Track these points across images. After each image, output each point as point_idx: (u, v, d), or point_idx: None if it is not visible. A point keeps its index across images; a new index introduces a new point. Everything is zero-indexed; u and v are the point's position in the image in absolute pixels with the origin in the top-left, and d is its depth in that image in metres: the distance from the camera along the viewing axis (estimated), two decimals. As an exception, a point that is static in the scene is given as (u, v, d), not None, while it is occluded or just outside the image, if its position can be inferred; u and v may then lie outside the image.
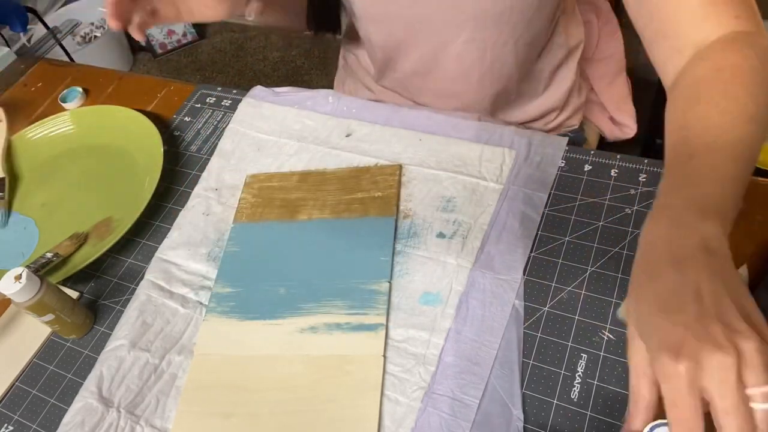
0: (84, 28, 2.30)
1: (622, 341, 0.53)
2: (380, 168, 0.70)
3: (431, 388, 0.53)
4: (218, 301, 0.63)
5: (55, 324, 0.61)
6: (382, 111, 0.75)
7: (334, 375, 0.55)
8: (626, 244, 0.59)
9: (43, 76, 1.00)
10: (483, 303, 0.57)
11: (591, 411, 0.50)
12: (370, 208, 0.66)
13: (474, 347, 0.55)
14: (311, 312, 0.60)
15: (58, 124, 0.87)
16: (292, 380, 0.56)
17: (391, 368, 0.55)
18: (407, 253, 0.62)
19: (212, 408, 0.56)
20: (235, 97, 0.85)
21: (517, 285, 0.58)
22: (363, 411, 0.53)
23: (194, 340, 0.61)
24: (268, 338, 0.59)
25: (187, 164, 0.79)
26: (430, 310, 0.58)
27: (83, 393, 0.58)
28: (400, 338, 0.57)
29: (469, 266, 0.59)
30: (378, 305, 0.59)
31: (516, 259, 0.59)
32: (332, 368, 0.56)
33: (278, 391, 0.56)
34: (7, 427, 0.59)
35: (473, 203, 0.64)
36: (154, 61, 2.40)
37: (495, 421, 0.50)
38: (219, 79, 2.26)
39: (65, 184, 0.81)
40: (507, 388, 0.52)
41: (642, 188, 0.63)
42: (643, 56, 0.60)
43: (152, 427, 0.55)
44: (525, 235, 0.61)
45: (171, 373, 0.59)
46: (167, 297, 0.64)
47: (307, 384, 0.56)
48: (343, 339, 0.57)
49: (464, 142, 0.69)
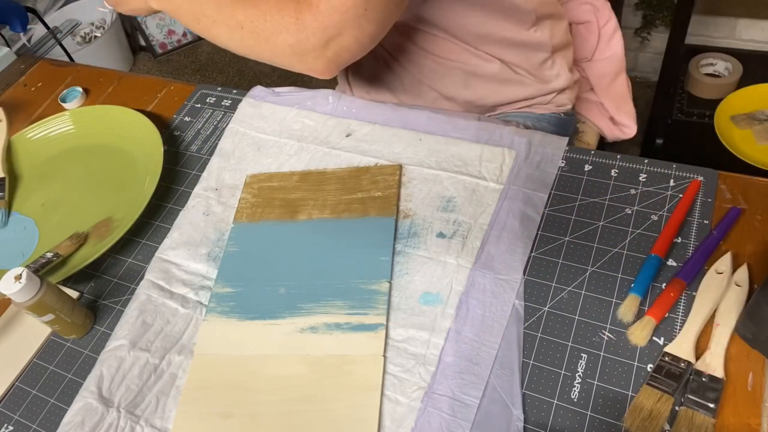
0: (84, 28, 2.30)
1: (622, 341, 0.53)
2: (380, 168, 0.70)
3: (431, 388, 0.53)
4: (218, 301, 0.63)
5: (55, 324, 0.61)
6: (382, 111, 0.75)
7: (334, 375, 0.55)
8: (626, 244, 0.59)
9: (43, 76, 1.00)
10: (483, 303, 0.57)
11: (591, 411, 0.50)
12: (370, 208, 0.66)
13: (474, 347, 0.55)
14: (311, 312, 0.60)
15: (58, 124, 0.87)
16: (292, 380, 0.56)
17: (391, 368, 0.55)
18: (407, 253, 0.62)
19: (212, 408, 0.56)
20: (235, 97, 0.85)
21: (517, 285, 0.58)
22: (363, 411, 0.53)
23: (194, 340, 0.61)
24: (268, 338, 0.59)
25: (187, 164, 0.79)
26: (430, 310, 0.58)
27: (83, 393, 0.58)
28: (400, 338, 0.57)
29: (469, 266, 0.59)
30: (378, 305, 0.59)
31: (516, 258, 0.59)
32: (332, 368, 0.56)
33: (278, 391, 0.56)
34: (7, 427, 0.59)
35: (473, 203, 0.64)
36: (154, 61, 2.40)
37: (495, 421, 0.50)
38: (219, 79, 2.26)
39: (65, 184, 0.81)
40: (507, 389, 0.52)
41: (642, 188, 0.63)
42: (643, 56, 0.60)
43: (152, 427, 0.55)
44: (525, 235, 0.61)
45: (171, 373, 0.59)
46: (167, 297, 0.64)
47: (307, 384, 0.56)
48: (343, 339, 0.57)
49: (464, 142, 0.69)
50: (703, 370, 0.50)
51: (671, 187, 0.62)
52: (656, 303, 0.54)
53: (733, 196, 0.60)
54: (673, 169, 0.63)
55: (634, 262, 0.57)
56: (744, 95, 1.12)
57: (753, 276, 0.54)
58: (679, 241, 0.58)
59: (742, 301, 0.53)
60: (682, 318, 0.53)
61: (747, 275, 0.54)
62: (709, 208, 0.60)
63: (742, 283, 0.53)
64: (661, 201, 0.61)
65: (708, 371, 0.49)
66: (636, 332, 0.53)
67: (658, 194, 0.62)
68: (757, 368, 0.50)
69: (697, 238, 0.58)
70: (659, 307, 0.53)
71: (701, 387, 0.49)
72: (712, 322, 0.52)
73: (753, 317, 0.49)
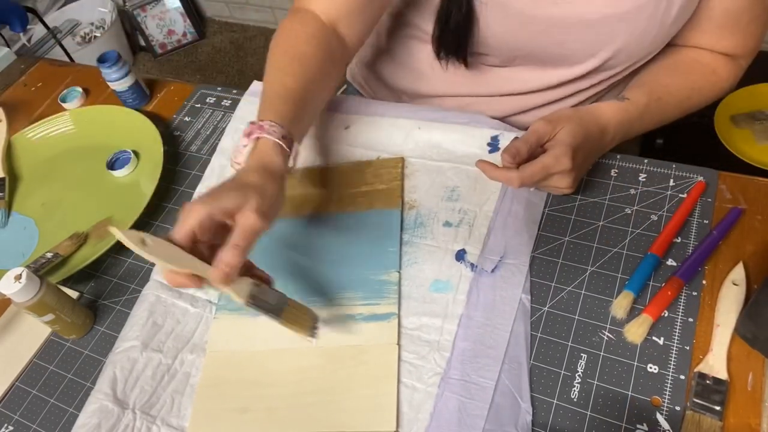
0: (84, 28, 2.30)
1: (622, 341, 0.53)
2: (383, 161, 0.70)
3: (447, 373, 0.54)
4: (228, 299, 0.63)
5: (55, 324, 0.61)
6: (381, 105, 0.75)
7: (350, 365, 0.56)
8: (626, 244, 0.59)
9: (43, 76, 1.00)
10: (493, 288, 0.58)
11: (591, 411, 0.50)
12: (375, 201, 0.67)
13: (487, 331, 0.55)
14: (323, 305, 0.60)
15: (58, 124, 0.87)
16: (308, 373, 0.56)
17: (406, 356, 0.56)
18: (415, 243, 0.63)
19: (228, 404, 0.56)
20: (235, 97, 0.85)
21: (525, 268, 0.58)
22: (381, 399, 0.53)
23: (206, 338, 0.61)
24: (281, 332, 0.59)
25: (187, 164, 0.79)
26: (442, 297, 0.58)
27: (97, 395, 0.58)
28: (413, 326, 0.57)
29: (477, 253, 0.60)
30: (389, 295, 0.59)
31: (523, 243, 0.60)
32: (347, 359, 0.56)
33: (294, 384, 0.56)
34: (7, 427, 0.59)
35: (477, 191, 0.65)
36: (154, 61, 2.40)
37: (504, 414, 0.51)
38: (219, 79, 2.26)
39: (65, 184, 0.81)
40: (516, 382, 0.52)
41: (642, 188, 0.63)
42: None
43: (169, 426, 0.56)
44: (530, 219, 0.62)
45: (184, 372, 0.59)
46: (176, 297, 0.64)
47: (323, 376, 0.56)
48: (356, 330, 0.58)
49: (463, 128, 0.69)
50: (707, 373, 0.49)
51: (671, 187, 0.62)
52: (653, 301, 0.54)
53: (733, 196, 0.60)
54: (673, 169, 0.63)
55: (633, 262, 0.57)
56: (744, 95, 1.12)
57: (753, 276, 0.54)
58: (679, 241, 0.58)
59: (741, 300, 0.53)
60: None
61: (743, 274, 0.54)
62: (709, 208, 0.59)
63: (740, 282, 0.53)
64: (661, 201, 0.61)
65: (712, 374, 0.49)
66: (632, 330, 0.53)
67: (658, 194, 0.62)
68: (757, 368, 0.50)
69: (696, 238, 0.58)
70: (656, 306, 0.53)
71: (706, 390, 0.49)
72: (713, 323, 0.52)
73: (753, 317, 0.49)
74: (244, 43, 2.38)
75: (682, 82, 0.64)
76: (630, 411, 0.49)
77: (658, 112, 0.63)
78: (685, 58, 0.66)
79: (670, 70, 0.65)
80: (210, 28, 2.48)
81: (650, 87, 0.63)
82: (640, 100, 0.61)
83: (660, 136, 1.07)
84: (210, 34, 2.46)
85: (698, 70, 0.65)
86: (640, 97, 0.61)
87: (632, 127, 0.61)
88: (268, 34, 2.38)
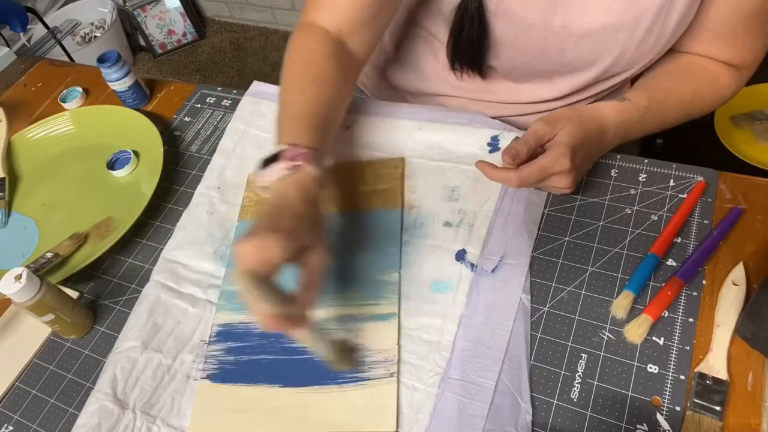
0: (84, 28, 2.30)
1: (622, 341, 0.53)
2: (383, 161, 0.70)
3: (447, 373, 0.54)
4: (228, 299, 0.63)
5: (55, 324, 0.61)
6: (381, 105, 0.75)
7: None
8: (626, 244, 0.59)
9: (43, 76, 1.00)
10: (493, 288, 0.58)
11: (591, 411, 0.50)
12: (376, 201, 0.67)
13: (487, 331, 0.55)
14: (323, 304, 0.60)
15: (58, 124, 0.87)
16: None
17: (407, 356, 0.56)
18: (415, 243, 0.63)
19: (229, 404, 0.56)
20: (235, 97, 0.85)
21: (525, 268, 0.58)
22: (381, 399, 0.53)
23: (206, 338, 0.61)
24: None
25: (187, 164, 0.79)
26: (442, 298, 0.58)
27: (97, 395, 0.58)
28: (414, 326, 0.57)
29: (477, 252, 0.60)
30: (389, 295, 0.59)
31: (523, 243, 0.60)
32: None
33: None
34: (7, 427, 0.59)
35: (477, 191, 0.65)
36: (154, 61, 2.40)
37: (504, 414, 0.51)
38: (219, 79, 2.26)
39: (65, 184, 0.81)
40: (516, 382, 0.52)
41: (642, 188, 0.63)
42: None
43: (169, 426, 0.56)
44: (531, 219, 0.62)
45: (184, 372, 0.59)
46: (176, 297, 0.64)
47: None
48: (356, 330, 0.58)
49: (463, 128, 0.69)
50: (707, 373, 0.49)
51: (671, 187, 0.62)
52: (653, 301, 0.54)
53: (733, 196, 0.60)
54: (673, 169, 0.63)
55: (633, 262, 0.57)
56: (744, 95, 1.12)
57: (753, 276, 0.54)
58: (679, 241, 0.58)
59: (741, 300, 0.53)
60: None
61: (743, 274, 0.54)
62: (709, 208, 0.60)
63: (740, 282, 0.53)
64: (661, 201, 0.61)
65: (712, 374, 0.49)
66: (632, 330, 0.53)
67: (658, 194, 0.62)
68: (757, 368, 0.50)
69: (696, 238, 0.58)
70: (656, 306, 0.53)
71: (706, 390, 0.49)
72: (713, 323, 0.52)
73: (753, 317, 0.49)
74: (244, 43, 2.38)
75: (685, 87, 0.64)
76: (630, 411, 0.49)
77: (658, 114, 0.63)
78: (688, 64, 0.65)
79: (672, 75, 0.65)
80: (210, 28, 2.48)
81: (652, 89, 0.63)
82: (641, 102, 0.61)
83: (660, 136, 1.07)
84: (210, 34, 2.46)
85: (701, 76, 0.65)
86: (641, 99, 0.61)
87: (632, 128, 0.61)
88: (268, 34, 2.38)
